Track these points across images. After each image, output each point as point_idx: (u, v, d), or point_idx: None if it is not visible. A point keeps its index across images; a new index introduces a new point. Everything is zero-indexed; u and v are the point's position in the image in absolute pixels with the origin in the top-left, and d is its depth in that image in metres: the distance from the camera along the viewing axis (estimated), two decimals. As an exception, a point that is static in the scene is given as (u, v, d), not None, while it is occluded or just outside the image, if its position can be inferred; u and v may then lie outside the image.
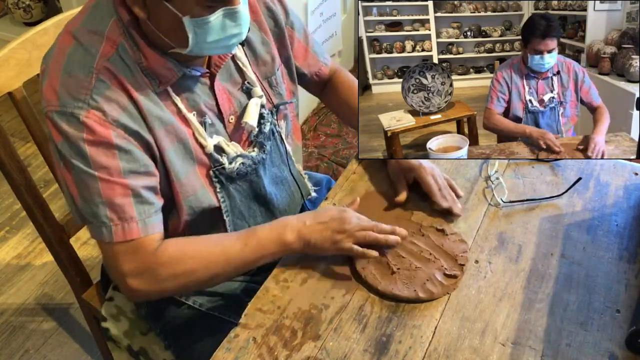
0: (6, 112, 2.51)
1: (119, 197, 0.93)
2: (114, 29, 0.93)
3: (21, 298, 1.99)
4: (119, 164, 0.92)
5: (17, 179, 1.18)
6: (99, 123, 0.90)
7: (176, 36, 0.91)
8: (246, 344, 0.93)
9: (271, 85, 1.14)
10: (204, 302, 1.16)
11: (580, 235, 1.10)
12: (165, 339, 1.19)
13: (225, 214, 1.09)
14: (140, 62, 0.95)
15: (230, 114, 1.07)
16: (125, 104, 0.93)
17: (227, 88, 1.07)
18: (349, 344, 0.93)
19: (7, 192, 2.31)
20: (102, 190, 0.92)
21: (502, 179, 1.20)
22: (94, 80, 0.91)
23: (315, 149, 2.33)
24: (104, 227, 0.94)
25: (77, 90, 0.90)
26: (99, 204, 0.93)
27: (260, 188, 1.13)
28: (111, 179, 0.92)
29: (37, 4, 2.62)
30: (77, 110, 0.90)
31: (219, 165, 1.05)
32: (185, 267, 0.98)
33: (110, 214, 0.93)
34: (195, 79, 1.02)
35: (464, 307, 0.98)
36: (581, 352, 0.91)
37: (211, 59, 1.03)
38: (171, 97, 0.99)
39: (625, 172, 1.23)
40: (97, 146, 0.91)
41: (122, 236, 0.94)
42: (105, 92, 0.91)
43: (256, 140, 1.11)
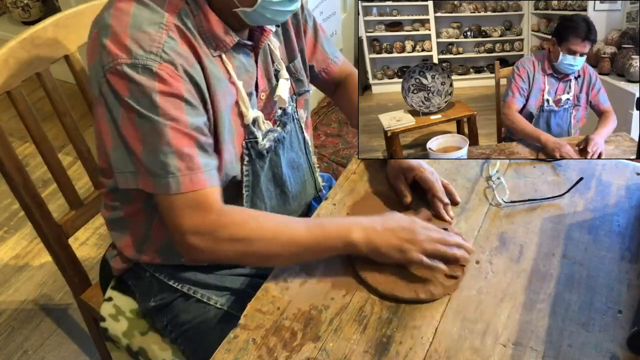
0: (4, 112, 2.50)
1: (187, 147, 0.94)
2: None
3: (19, 298, 1.99)
4: (186, 117, 0.94)
5: (15, 178, 1.18)
6: (171, 75, 0.92)
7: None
8: (246, 345, 0.93)
9: (292, 72, 1.17)
10: (212, 296, 1.16)
11: (582, 235, 1.09)
12: (172, 332, 1.18)
13: (245, 188, 1.10)
14: (200, 26, 0.97)
15: (262, 90, 1.10)
16: (193, 61, 0.95)
17: (262, 66, 1.11)
18: (349, 345, 0.93)
19: (5, 192, 2.30)
20: (171, 139, 0.93)
21: (503, 179, 1.20)
22: (165, 36, 0.93)
23: (315, 148, 2.32)
24: (172, 178, 0.94)
25: (149, 44, 0.91)
26: (168, 154, 0.93)
27: (277, 167, 1.14)
28: (180, 129, 0.93)
29: (36, 3, 2.61)
30: (150, 62, 0.91)
31: (252, 139, 1.07)
32: (246, 234, 0.97)
33: (179, 164, 0.94)
34: (246, 51, 1.05)
35: (465, 307, 0.98)
36: (583, 353, 0.91)
37: (254, 34, 1.07)
38: (224, 63, 1.02)
39: (627, 172, 1.23)
40: (168, 97, 0.92)
41: (189, 186, 0.94)
42: (175, 48, 0.93)
43: (280, 119, 1.14)
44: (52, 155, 1.25)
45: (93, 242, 2.14)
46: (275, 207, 1.17)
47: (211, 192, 0.97)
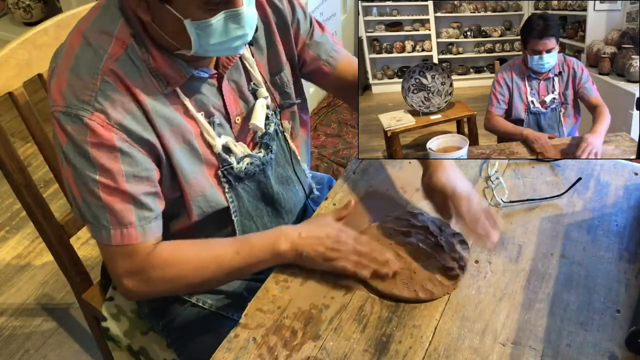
0: (6, 112, 2.51)
1: (119, 204, 0.94)
2: (123, 29, 0.94)
3: (21, 298, 1.99)
4: (121, 167, 0.93)
5: (17, 178, 1.18)
6: (102, 126, 0.91)
7: (180, 38, 0.92)
8: (246, 344, 0.93)
9: (277, 85, 1.14)
10: (207, 300, 1.16)
11: (581, 235, 1.10)
12: (167, 336, 1.19)
13: (234, 214, 1.10)
14: (148, 63, 0.95)
15: (237, 114, 1.08)
16: (130, 107, 0.93)
17: (234, 88, 1.07)
18: (349, 344, 0.93)
19: (7, 192, 2.31)
20: (102, 195, 0.93)
21: (502, 179, 1.20)
22: (100, 82, 0.91)
23: (315, 149, 2.32)
24: (103, 230, 0.96)
25: (82, 92, 0.91)
26: (100, 207, 0.94)
27: (267, 188, 1.13)
28: (112, 185, 0.93)
29: (37, 4, 2.62)
30: (81, 112, 0.90)
31: (227, 165, 1.06)
32: (176, 272, 0.99)
33: (110, 218, 0.95)
34: (203, 80, 1.02)
35: (464, 307, 0.98)
36: (581, 352, 0.91)
37: (219, 60, 1.03)
38: (180, 98, 0.99)
39: (625, 172, 1.23)
40: (100, 148, 0.91)
41: (119, 240, 0.96)
42: (110, 95, 0.92)
43: (261, 141, 1.12)
44: (54, 155, 1.25)
45: (94, 242, 2.13)
46: (268, 224, 1.16)
47: (143, 244, 0.97)
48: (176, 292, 1.12)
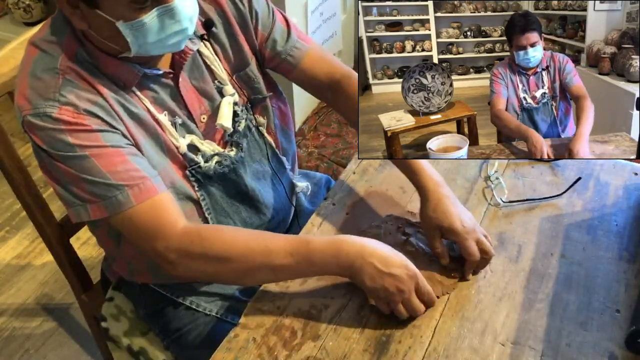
0: (6, 112, 2.51)
1: (119, 165, 0.92)
2: (69, 39, 0.94)
3: (21, 298, 1.99)
4: (104, 142, 0.92)
5: (17, 178, 1.18)
6: (72, 117, 0.90)
7: (118, 41, 0.91)
8: (246, 344, 0.93)
9: (244, 80, 1.12)
10: (200, 302, 1.16)
11: (580, 235, 1.10)
12: (164, 339, 1.19)
13: (207, 211, 1.08)
14: (99, 66, 0.95)
15: (202, 113, 1.06)
16: (96, 99, 0.93)
17: (198, 87, 1.06)
18: (348, 344, 0.93)
19: (7, 192, 2.31)
20: (100, 165, 0.91)
21: (501, 178, 1.20)
22: (61, 80, 0.91)
23: (315, 149, 2.32)
24: (120, 194, 0.92)
25: (45, 91, 0.91)
26: (105, 177, 0.92)
27: (241, 186, 1.12)
28: (104, 152, 0.92)
29: (37, 4, 2.62)
30: (48, 109, 0.90)
31: (194, 165, 1.05)
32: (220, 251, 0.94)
33: (120, 181, 0.92)
34: (158, 79, 1.01)
35: (464, 307, 0.98)
36: (581, 352, 0.91)
37: (174, 59, 1.02)
38: (139, 98, 0.99)
39: (625, 172, 1.23)
40: (78, 133, 0.91)
41: (140, 196, 0.93)
42: (73, 90, 0.91)
43: (231, 139, 1.10)
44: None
45: (94, 242, 2.14)
46: (247, 219, 1.14)
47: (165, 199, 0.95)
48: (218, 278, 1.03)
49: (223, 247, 0.94)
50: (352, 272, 0.93)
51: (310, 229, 1.13)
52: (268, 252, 0.93)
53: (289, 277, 0.99)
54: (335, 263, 0.93)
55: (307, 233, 1.12)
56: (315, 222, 1.14)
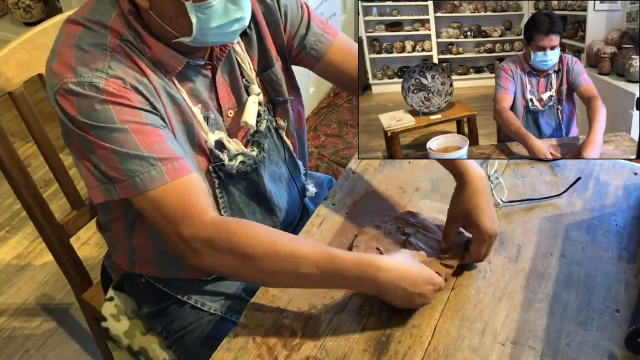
0: (6, 112, 2.51)
1: (157, 143, 0.92)
2: (116, 20, 0.94)
3: (21, 298, 1.99)
4: (145, 120, 0.92)
5: (17, 178, 1.18)
6: (118, 90, 0.90)
7: (179, 24, 0.92)
8: (246, 344, 0.93)
9: (268, 81, 1.13)
10: (205, 301, 1.16)
11: (580, 235, 1.10)
12: (167, 337, 1.19)
13: (223, 209, 1.09)
14: (144, 51, 0.96)
15: (229, 108, 1.08)
16: (141, 79, 0.94)
17: (227, 82, 1.08)
18: (348, 344, 0.93)
19: (7, 192, 2.31)
20: (138, 140, 0.91)
21: (501, 178, 1.20)
22: (109, 56, 0.92)
23: (315, 149, 2.32)
24: (154, 170, 0.91)
25: (93, 62, 0.91)
26: (141, 151, 0.91)
27: (260, 186, 1.13)
28: (143, 129, 0.91)
29: (37, 4, 2.62)
30: (95, 79, 0.90)
31: (218, 162, 1.05)
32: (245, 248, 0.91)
33: (156, 156, 0.91)
34: (198, 70, 1.02)
35: (464, 306, 0.98)
36: (581, 352, 0.91)
37: (213, 53, 1.03)
38: (177, 88, 1.00)
39: (624, 171, 1.23)
40: (121, 106, 0.91)
41: (174, 173, 0.92)
42: (121, 66, 0.92)
43: (253, 139, 1.11)
44: (54, 155, 1.25)
45: (94, 242, 2.14)
46: (260, 221, 1.14)
47: (197, 181, 0.94)
48: (238, 274, 0.99)
49: (250, 245, 0.92)
50: (381, 293, 0.95)
51: (310, 229, 1.13)
52: (294, 258, 0.91)
53: (310, 286, 0.98)
54: (360, 284, 0.94)
55: (307, 233, 1.12)
56: (315, 222, 1.14)
